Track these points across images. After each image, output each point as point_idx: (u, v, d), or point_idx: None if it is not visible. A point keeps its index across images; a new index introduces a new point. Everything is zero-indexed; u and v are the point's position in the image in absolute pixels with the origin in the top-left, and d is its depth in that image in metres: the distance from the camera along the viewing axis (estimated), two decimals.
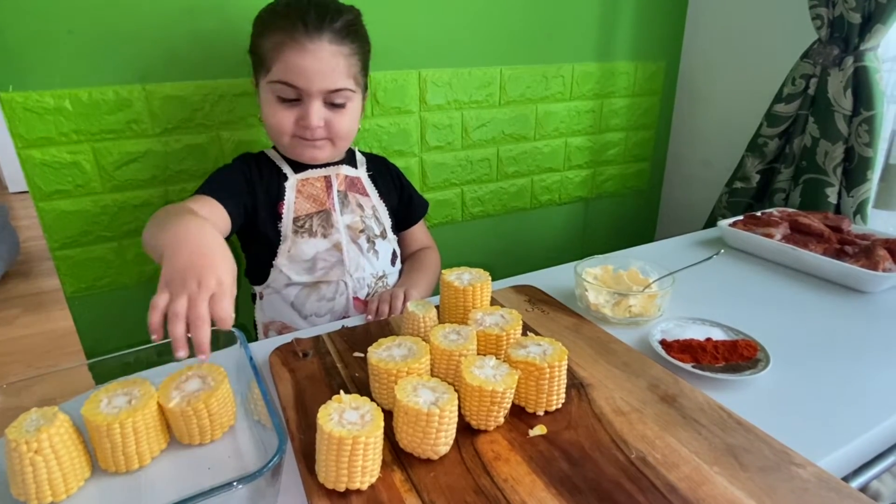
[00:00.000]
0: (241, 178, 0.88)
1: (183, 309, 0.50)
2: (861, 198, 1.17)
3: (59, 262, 0.98)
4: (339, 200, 0.92)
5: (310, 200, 0.90)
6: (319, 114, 0.83)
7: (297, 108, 0.83)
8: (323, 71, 0.80)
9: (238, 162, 0.91)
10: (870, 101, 1.12)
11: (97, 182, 0.97)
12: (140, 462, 0.51)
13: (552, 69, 1.36)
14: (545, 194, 1.49)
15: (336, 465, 0.46)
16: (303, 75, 0.79)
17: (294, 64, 0.79)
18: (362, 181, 0.97)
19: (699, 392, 0.61)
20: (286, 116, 0.83)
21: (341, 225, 0.91)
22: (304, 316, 0.91)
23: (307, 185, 0.90)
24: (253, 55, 0.86)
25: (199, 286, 0.52)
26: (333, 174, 0.93)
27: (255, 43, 0.84)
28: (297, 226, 0.88)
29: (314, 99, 0.82)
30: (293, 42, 0.78)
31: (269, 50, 0.81)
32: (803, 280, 0.93)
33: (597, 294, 0.79)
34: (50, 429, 0.47)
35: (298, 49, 0.78)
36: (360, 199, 0.95)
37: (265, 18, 0.83)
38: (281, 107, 0.83)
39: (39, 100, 0.89)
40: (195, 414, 0.52)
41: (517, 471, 0.50)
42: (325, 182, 0.92)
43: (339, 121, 0.85)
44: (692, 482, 0.48)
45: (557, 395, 0.58)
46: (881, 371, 0.68)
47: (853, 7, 1.09)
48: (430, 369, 0.59)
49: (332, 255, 0.89)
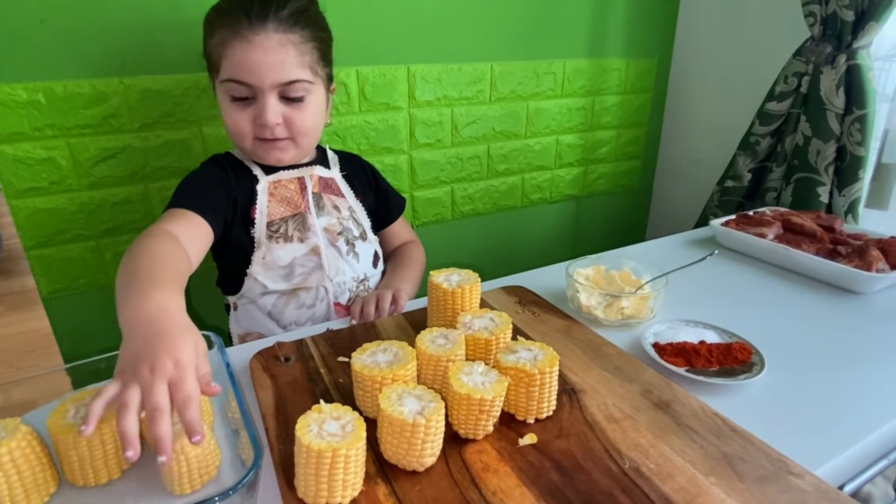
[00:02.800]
0: (217, 184, 0.82)
1: (132, 399, 0.43)
2: (853, 197, 1.16)
3: (33, 262, 0.94)
4: (314, 202, 0.88)
5: (283, 203, 0.85)
6: (275, 110, 0.78)
7: (253, 107, 0.78)
8: (272, 63, 0.75)
9: (210, 166, 0.85)
10: (862, 100, 1.11)
11: (73, 179, 0.93)
12: (109, 475, 0.49)
13: (543, 65, 1.34)
14: (536, 192, 1.47)
15: (315, 479, 0.43)
16: (251, 70, 0.75)
17: (240, 59, 0.74)
18: (336, 182, 0.92)
19: (693, 397, 0.59)
20: (242, 118, 0.78)
21: (318, 228, 0.86)
22: (283, 325, 0.87)
23: (280, 188, 0.86)
24: (205, 57, 0.81)
25: (153, 372, 0.44)
26: (307, 175, 0.88)
27: (204, 44, 0.80)
28: (272, 231, 0.83)
29: (267, 94, 0.76)
30: (237, 36, 0.74)
31: (215, 48, 0.77)
32: (796, 280, 0.92)
33: (589, 295, 0.78)
34: (11, 442, 0.44)
35: (243, 42, 0.74)
36: (335, 201, 0.90)
37: (210, 17, 0.79)
38: (235, 108, 0.78)
39: (11, 93, 0.85)
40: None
41: (506, 483, 0.48)
42: (298, 184, 0.87)
43: (298, 116, 0.80)
44: (688, 494, 0.46)
45: (548, 403, 0.56)
46: (876, 373, 0.67)
47: (846, 4, 1.08)
48: (416, 376, 0.57)
49: (309, 260, 0.85)
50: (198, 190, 0.80)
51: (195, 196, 0.78)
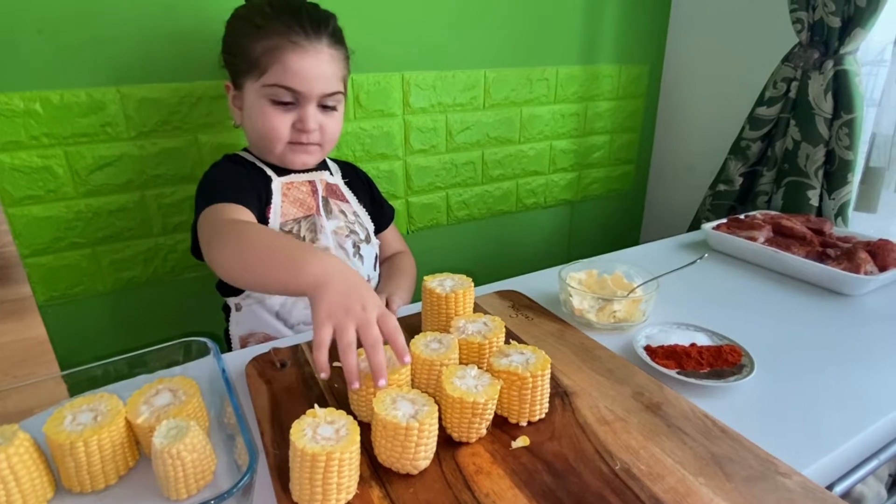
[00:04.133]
0: (244, 178, 0.84)
1: (354, 338, 0.52)
2: (842, 200, 1.17)
3: (30, 270, 0.94)
4: (324, 206, 0.90)
5: (296, 205, 0.87)
6: (316, 118, 0.82)
7: (293, 113, 0.81)
8: (323, 74, 0.79)
9: (229, 163, 0.86)
10: (850, 105, 1.12)
11: (70, 187, 0.94)
12: (106, 481, 0.49)
13: (536, 72, 1.35)
14: (530, 197, 1.49)
15: (310, 482, 0.44)
16: (304, 78, 0.78)
17: (296, 67, 0.77)
18: (340, 188, 0.95)
19: (684, 399, 0.60)
20: (283, 121, 0.81)
21: (328, 230, 0.88)
22: (290, 325, 0.88)
23: (292, 189, 0.87)
24: (235, 57, 0.81)
25: (365, 310, 0.53)
26: (318, 179, 0.91)
27: (240, 44, 0.80)
28: (285, 231, 0.85)
29: (311, 103, 0.80)
30: (293, 45, 0.77)
31: (263, 53, 0.78)
32: (786, 283, 0.93)
33: (581, 299, 0.79)
34: (8, 448, 0.45)
35: (300, 52, 0.77)
36: (341, 206, 0.93)
37: (252, 19, 0.79)
38: (276, 111, 0.80)
39: (8, 102, 0.86)
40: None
41: (499, 485, 0.48)
42: (310, 187, 0.90)
43: (330, 125, 0.85)
44: (677, 494, 0.47)
45: (541, 406, 0.56)
46: (864, 375, 0.68)
47: (833, 11, 1.09)
48: (410, 380, 0.57)
49: None
50: (232, 185, 0.81)
51: (230, 190, 0.78)
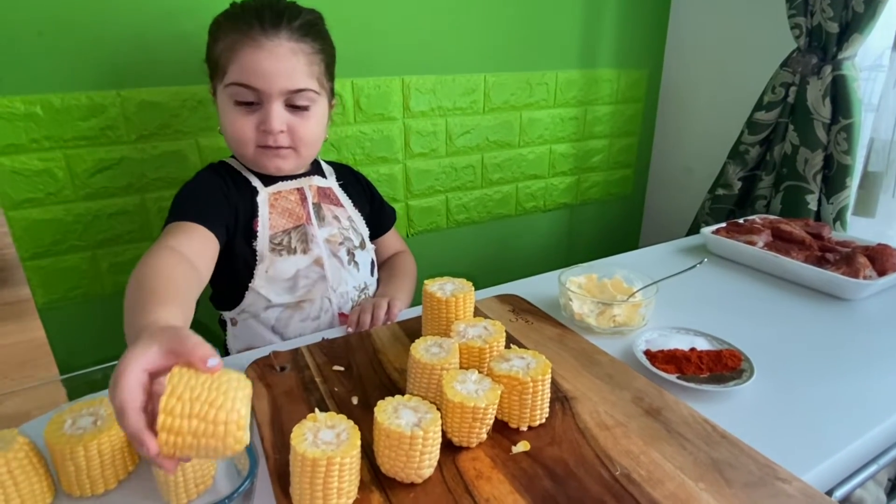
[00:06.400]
0: (219, 193, 0.80)
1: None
2: (840, 205, 1.18)
3: (30, 273, 0.94)
4: (315, 213, 0.87)
5: (285, 215, 0.84)
6: (281, 117, 0.78)
7: (257, 114, 0.78)
8: (282, 70, 0.75)
9: (207, 175, 0.83)
10: (848, 110, 1.13)
11: (70, 190, 0.94)
12: (106, 486, 0.49)
13: (536, 76, 1.36)
14: (530, 201, 1.49)
15: (310, 487, 0.44)
16: (261, 75, 0.75)
17: (250, 63, 0.74)
18: (334, 191, 0.92)
19: (683, 404, 0.60)
20: (246, 123, 0.78)
21: (320, 239, 0.86)
22: (286, 339, 0.85)
23: (280, 199, 0.85)
24: (209, 62, 0.81)
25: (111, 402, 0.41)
26: (307, 186, 0.88)
27: (209, 48, 0.80)
28: (275, 243, 0.82)
29: (274, 101, 0.77)
30: (249, 40, 0.74)
31: (223, 52, 0.77)
32: (785, 287, 0.93)
33: (581, 303, 0.79)
34: (8, 453, 0.45)
35: (255, 47, 0.74)
36: (335, 211, 0.90)
37: (220, 21, 0.79)
38: (239, 112, 0.78)
39: (9, 105, 0.86)
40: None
41: (499, 490, 0.48)
42: (298, 195, 0.86)
43: (302, 126, 0.80)
44: (677, 499, 0.47)
45: (541, 410, 0.57)
46: (864, 379, 0.68)
47: (831, 17, 1.10)
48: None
49: (313, 272, 0.85)
50: (197, 200, 0.79)
51: (195, 207, 0.77)
